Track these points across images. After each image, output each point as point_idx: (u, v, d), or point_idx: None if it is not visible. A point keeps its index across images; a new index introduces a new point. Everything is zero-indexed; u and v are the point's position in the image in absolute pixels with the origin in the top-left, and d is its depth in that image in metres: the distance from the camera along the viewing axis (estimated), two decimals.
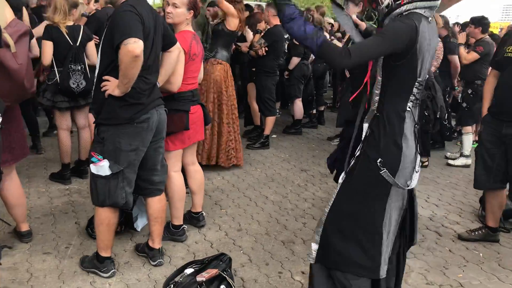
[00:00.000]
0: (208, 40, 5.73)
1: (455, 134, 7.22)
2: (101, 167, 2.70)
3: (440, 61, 5.56)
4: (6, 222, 3.46)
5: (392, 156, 2.16)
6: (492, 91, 3.60)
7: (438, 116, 4.04)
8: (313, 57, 6.79)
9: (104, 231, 2.87)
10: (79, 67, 4.26)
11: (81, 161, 4.68)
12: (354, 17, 2.53)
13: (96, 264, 2.95)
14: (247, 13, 7.26)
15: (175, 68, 3.13)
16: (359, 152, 2.24)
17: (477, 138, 6.40)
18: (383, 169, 2.14)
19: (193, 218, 3.73)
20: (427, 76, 2.28)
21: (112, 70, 2.62)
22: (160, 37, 2.81)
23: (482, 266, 3.35)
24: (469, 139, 5.84)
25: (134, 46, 2.44)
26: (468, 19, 6.56)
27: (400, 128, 2.15)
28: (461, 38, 6.02)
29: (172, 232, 3.46)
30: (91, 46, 4.43)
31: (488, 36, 5.77)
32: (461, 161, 5.83)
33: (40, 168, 4.90)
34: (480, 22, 5.72)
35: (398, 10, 2.10)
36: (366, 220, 2.20)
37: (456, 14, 39.97)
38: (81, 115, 4.55)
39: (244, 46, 6.30)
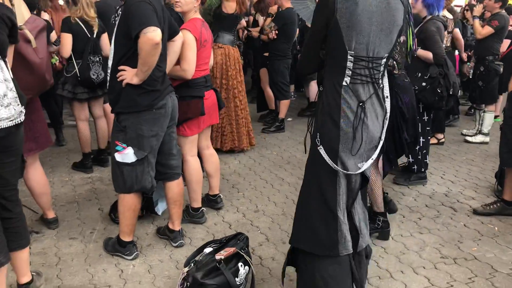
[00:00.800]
0: None
1: (472, 110, 7.17)
2: (126, 155, 2.82)
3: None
4: (34, 210, 3.62)
5: (329, 132, 2.13)
6: None
7: (451, 93, 4.03)
8: None
9: (130, 217, 3.00)
10: (98, 59, 4.37)
11: (101, 150, 4.82)
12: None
13: (119, 248, 3.08)
14: None
15: (187, 56, 3.20)
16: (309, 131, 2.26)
17: (495, 114, 6.38)
18: (320, 146, 2.12)
19: (211, 201, 3.84)
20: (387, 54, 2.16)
21: (127, 60, 2.71)
22: (167, 27, 2.89)
23: (496, 240, 3.39)
24: (490, 118, 5.80)
25: (154, 34, 2.53)
26: None
27: (337, 103, 2.10)
28: (477, 10, 5.92)
29: (192, 215, 3.57)
30: (105, 37, 4.53)
31: (504, 10, 5.68)
32: (479, 138, 5.81)
33: (63, 159, 5.06)
34: None
35: None
36: (319, 199, 2.20)
37: None
38: (96, 105, 4.67)
39: (254, 31, 6.33)
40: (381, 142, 2.26)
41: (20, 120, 2.26)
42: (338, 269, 2.25)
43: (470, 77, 5.97)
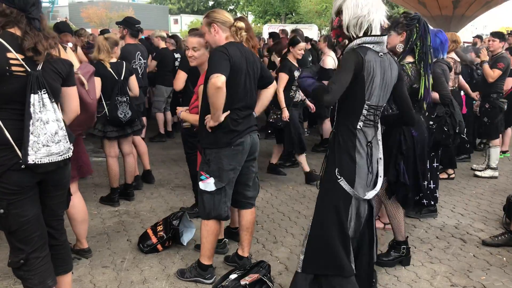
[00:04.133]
0: None
1: (482, 145, 7.38)
2: (208, 184, 3.17)
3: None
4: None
5: (347, 166, 2.55)
6: None
7: (457, 131, 4.29)
8: None
9: (212, 241, 3.29)
10: (125, 99, 4.72)
11: (127, 185, 5.11)
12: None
13: (200, 272, 3.34)
14: (270, 40, 7.70)
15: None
16: (324, 167, 2.66)
17: (503, 149, 6.60)
18: (340, 178, 2.52)
19: (233, 234, 4.07)
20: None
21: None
22: (256, 74, 3.25)
23: (505, 269, 3.56)
24: (496, 152, 6.01)
25: (216, 80, 2.84)
26: (496, 28, 6.81)
27: (353, 142, 2.58)
28: (483, 55, 6.20)
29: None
30: (133, 80, 4.91)
31: (504, 51, 6.00)
32: (488, 173, 6.01)
33: (90, 193, 5.36)
34: (504, 38, 6.00)
35: (351, 45, 2.52)
36: (338, 227, 2.57)
37: (483, 24, 39.37)
38: (126, 143, 4.99)
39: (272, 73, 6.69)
40: (380, 179, 2.69)
41: (68, 156, 2.51)
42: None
43: (478, 114, 6.22)
